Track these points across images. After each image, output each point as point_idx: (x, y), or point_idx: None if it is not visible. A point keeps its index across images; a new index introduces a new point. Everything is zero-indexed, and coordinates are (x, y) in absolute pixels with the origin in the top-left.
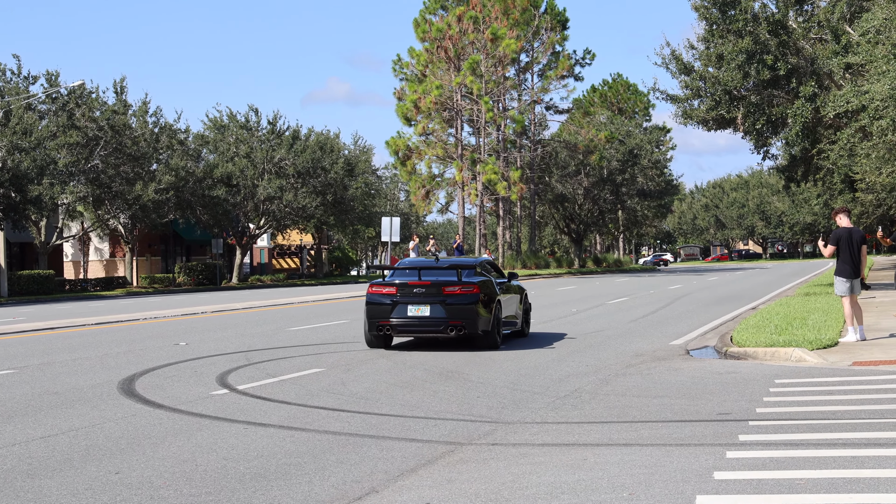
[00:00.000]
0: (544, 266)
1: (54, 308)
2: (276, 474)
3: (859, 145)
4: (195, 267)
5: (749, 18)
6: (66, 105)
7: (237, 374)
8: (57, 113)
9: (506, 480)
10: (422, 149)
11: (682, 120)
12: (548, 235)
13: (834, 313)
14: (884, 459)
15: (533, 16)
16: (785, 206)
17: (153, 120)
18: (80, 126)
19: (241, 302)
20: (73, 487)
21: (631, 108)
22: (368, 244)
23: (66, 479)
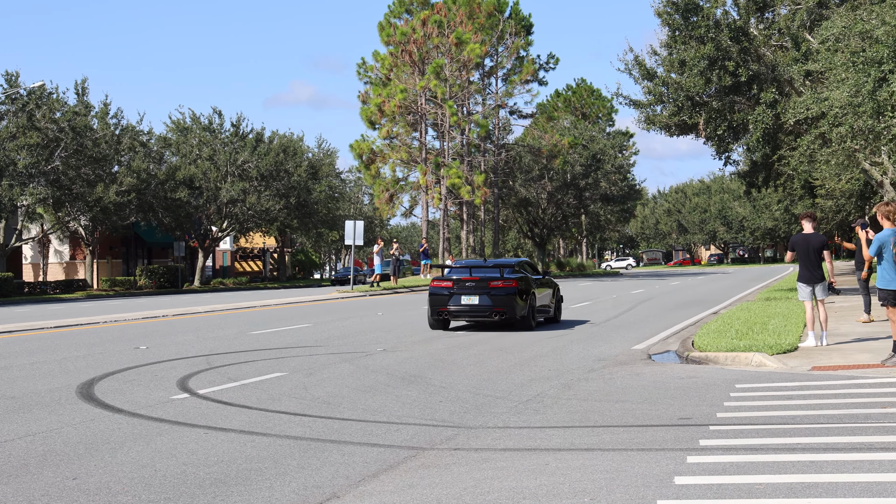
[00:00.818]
0: None
1: (12, 311)
2: (236, 480)
3: (819, 152)
4: (157, 270)
5: (711, 25)
6: (26, 106)
7: (198, 378)
8: (17, 114)
9: (467, 486)
10: (386, 152)
11: (645, 125)
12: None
13: (794, 318)
14: (842, 464)
15: (498, 20)
16: (746, 211)
17: (115, 122)
18: (40, 127)
19: (202, 305)
20: (28, 494)
21: (594, 113)
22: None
23: (22, 485)
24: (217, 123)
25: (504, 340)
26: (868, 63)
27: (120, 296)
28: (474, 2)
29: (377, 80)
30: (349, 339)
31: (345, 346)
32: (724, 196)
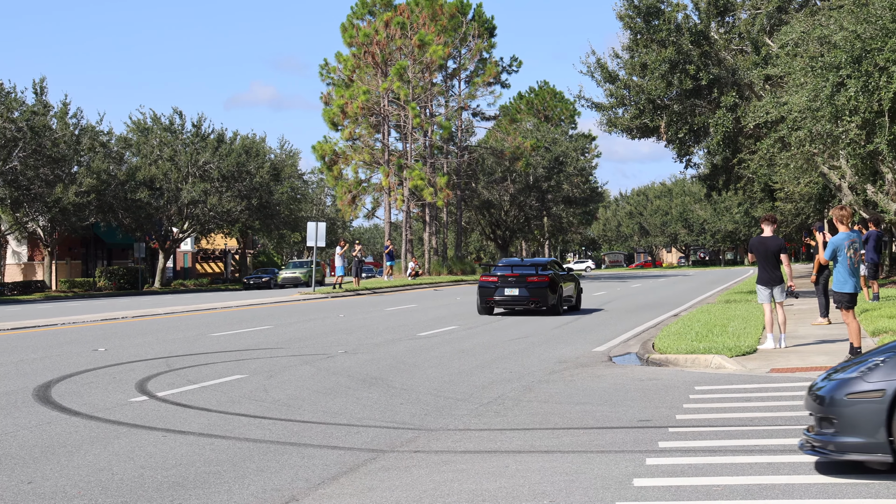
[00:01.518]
0: (470, 272)
1: None
2: (194, 483)
3: (778, 155)
4: (117, 271)
5: (672, 29)
6: None
7: (157, 381)
8: None
9: (427, 488)
10: (348, 154)
11: (607, 128)
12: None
13: (753, 320)
14: (798, 465)
15: (461, 22)
16: (707, 213)
17: (74, 122)
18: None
19: (163, 307)
20: None
21: (557, 116)
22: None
23: None
24: (178, 124)
25: (466, 343)
26: (826, 68)
27: (79, 297)
28: (437, 4)
29: (340, 81)
30: (310, 341)
31: (306, 348)
32: (685, 199)
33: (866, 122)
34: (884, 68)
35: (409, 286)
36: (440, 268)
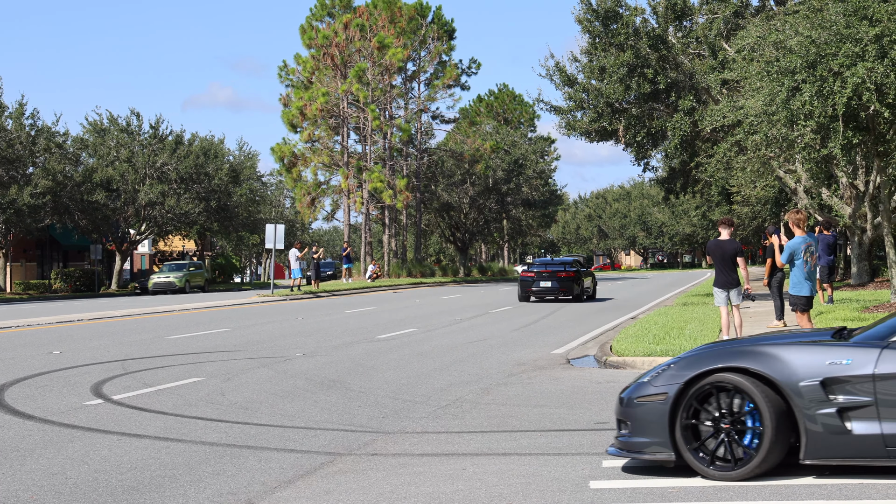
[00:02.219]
0: (430, 274)
1: None
2: (149, 486)
3: (735, 159)
4: (73, 273)
5: (630, 32)
6: None
7: (113, 384)
8: None
9: (384, 491)
10: (307, 156)
11: (566, 131)
12: (433, 244)
13: (710, 323)
14: None
15: (420, 25)
16: (665, 216)
17: (30, 122)
18: None
19: (119, 309)
20: None
21: (516, 119)
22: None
23: None
24: (135, 125)
25: (425, 345)
26: (782, 73)
27: (34, 299)
28: (396, 6)
29: (299, 83)
30: (268, 343)
31: (264, 351)
32: (643, 202)
33: (821, 126)
34: (838, 73)
35: (369, 288)
36: (400, 270)
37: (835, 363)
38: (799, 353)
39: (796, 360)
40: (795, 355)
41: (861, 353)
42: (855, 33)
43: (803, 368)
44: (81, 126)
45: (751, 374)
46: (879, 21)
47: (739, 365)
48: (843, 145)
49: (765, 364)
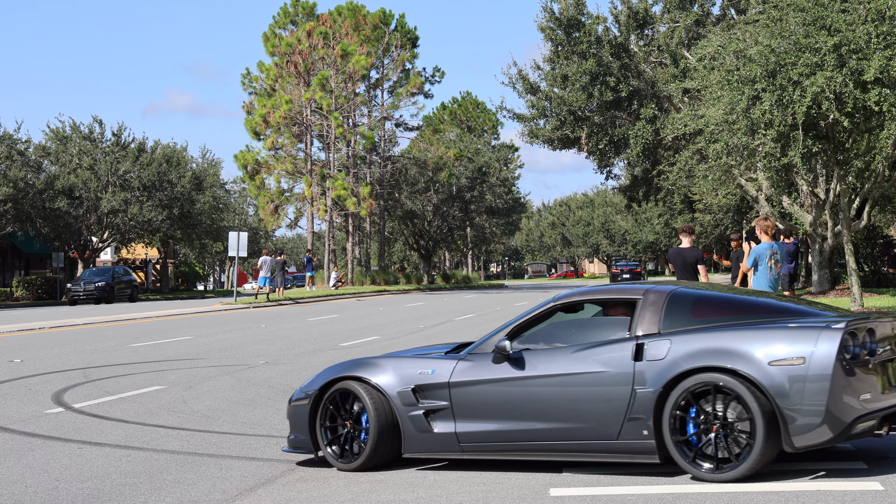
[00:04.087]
0: (394, 282)
1: None
2: (109, 495)
3: (697, 167)
4: (34, 281)
5: (593, 41)
6: None
7: (74, 392)
8: None
9: (345, 499)
10: (271, 163)
11: (529, 139)
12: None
13: None
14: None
15: (384, 33)
16: (628, 224)
17: None
18: None
19: (81, 317)
20: None
21: (480, 126)
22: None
23: None
24: (98, 133)
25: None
26: (742, 82)
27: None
28: (360, 14)
29: (262, 90)
30: (231, 351)
31: (226, 359)
32: (606, 209)
33: (781, 135)
34: (797, 83)
35: (332, 296)
36: (363, 278)
37: (423, 373)
38: (403, 365)
39: (399, 371)
40: (400, 366)
41: (443, 365)
42: (814, 43)
43: (403, 377)
44: (43, 133)
45: (364, 382)
46: (838, 31)
47: (356, 374)
48: (802, 154)
49: (375, 373)
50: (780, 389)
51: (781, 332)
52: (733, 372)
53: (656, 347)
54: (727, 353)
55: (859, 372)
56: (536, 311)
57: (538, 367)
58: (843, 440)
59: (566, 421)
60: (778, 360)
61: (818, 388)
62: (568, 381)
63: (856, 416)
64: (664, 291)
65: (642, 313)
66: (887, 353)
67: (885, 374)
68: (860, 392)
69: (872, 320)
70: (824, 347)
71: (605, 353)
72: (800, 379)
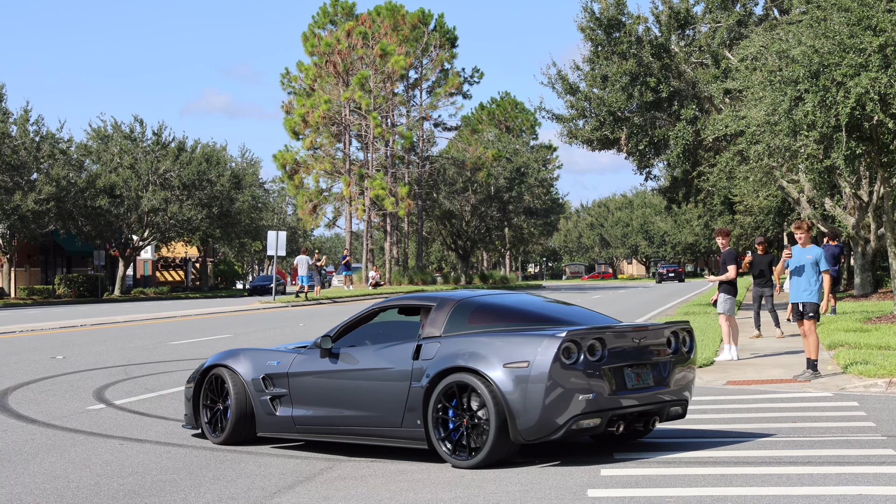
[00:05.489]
0: (431, 282)
1: None
2: (150, 491)
3: (737, 169)
4: (76, 279)
5: (633, 41)
6: None
7: (115, 389)
8: None
9: (383, 497)
10: (309, 163)
11: (568, 139)
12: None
13: (711, 332)
14: (750, 477)
15: (422, 33)
16: (667, 226)
17: (34, 129)
18: None
19: (122, 315)
20: None
21: (518, 127)
22: (255, 258)
23: None
24: (138, 132)
25: None
26: (785, 82)
27: (38, 305)
28: (399, 14)
29: (301, 90)
30: None
31: None
32: (645, 210)
33: (824, 136)
34: (841, 83)
35: (370, 296)
36: (401, 278)
37: (271, 364)
38: (259, 357)
39: (255, 362)
40: (257, 358)
41: (286, 357)
42: (858, 43)
43: (257, 367)
44: (85, 132)
45: (230, 370)
46: (883, 31)
47: (225, 363)
48: (846, 156)
49: (237, 363)
50: (509, 389)
51: (518, 339)
52: (476, 372)
53: (429, 349)
54: (475, 356)
55: (581, 375)
56: (360, 315)
57: (349, 362)
58: (565, 435)
59: (366, 410)
60: (510, 363)
61: (538, 388)
62: (367, 375)
63: (574, 415)
64: (453, 300)
65: (431, 318)
66: (622, 360)
67: (616, 378)
68: (581, 393)
69: (604, 331)
70: (544, 353)
71: (396, 352)
72: (524, 380)
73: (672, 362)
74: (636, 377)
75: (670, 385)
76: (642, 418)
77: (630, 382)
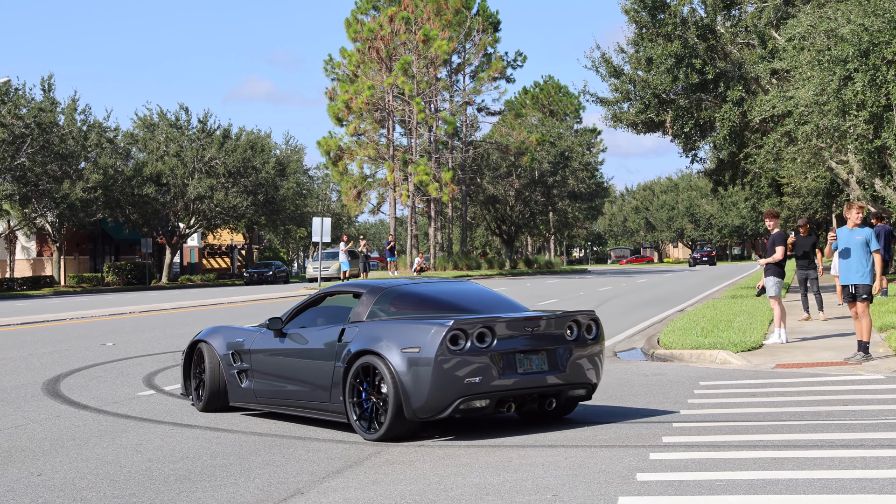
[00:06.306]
0: (476, 267)
1: None
2: (200, 476)
3: (785, 150)
4: (124, 266)
5: (678, 22)
6: None
7: (164, 375)
8: None
9: (431, 482)
10: (353, 149)
11: (612, 123)
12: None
13: (759, 316)
14: (802, 461)
15: (465, 17)
16: (714, 208)
17: (82, 118)
18: (6, 123)
19: (170, 302)
20: None
21: (562, 110)
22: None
23: None
24: (184, 120)
25: None
26: (833, 62)
27: (87, 292)
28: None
29: (344, 76)
30: None
31: None
32: (691, 193)
33: (874, 116)
34: (891, 62)
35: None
36: (445, 263)
37: (238, 341)
38: (231, 334)
39: (228, 339)
40: (230, 335)
41: (250, 335)
42: None
43: (228, 344)
44: (131, 121)
45: (208, 345)
46: None
47: (205, 339)
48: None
49: (214, 339)
50: (404, 371)
51: (415, 326)
52: (380, 356)
53: (351, 332)
54: (380, 341)
55: (468, 360)
56: (310, 299)
57: (295, 341)
58: (454, 414)
59: (304, 385)
60: (405, 348)
61: (426, 371)
62: (305, 354)
63: (460, 396)
64: (380, 288)
65: (360, 304)
66: (513, 347)
67: (506, 363)
68: (467, 376)
69: (494, 321)
70: (433, 339)
71: (328, 334)
72: (415, 363)
73: (571, 349)
74: (528, 362)
75: (567, 370)
76: (538, 400)
77: (521, 367)
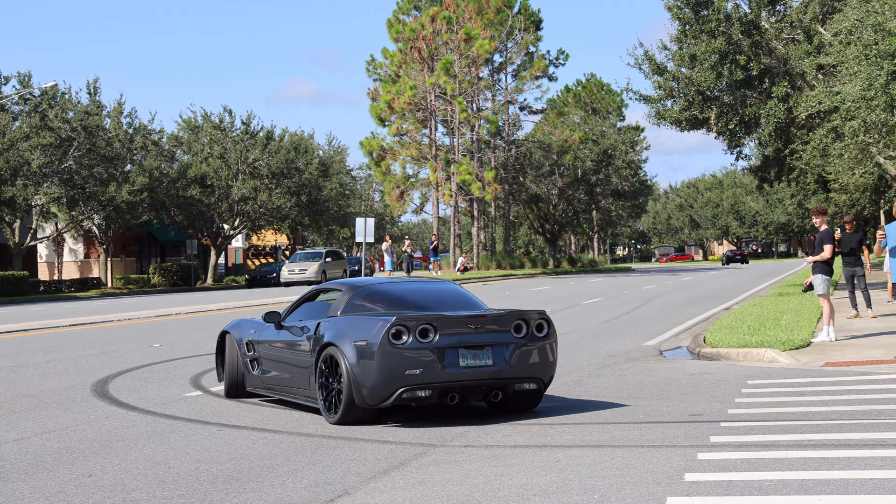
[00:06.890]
0: (519, 266)
1: (28, 309)
2: (248, 476)
3: (832, 146)
4: (170, 268)
5: (722, 19)
6: (39, 106)
7: (211, 376)
8: (30, 114)
9: (478, 482)
10: (396, 149)
11: (656, 120)
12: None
13: (807, 313)
14: (853, 461)
15: (507, 16)
16: (759, 205)
17: (127, 121)
18: (53, 127)
19: (216, 303)
20: (45, 490)
21: (605, 108)
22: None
23: (39, 481)
24: (228, 122)
25: None
26: (881, 56)
27: (134, 294)
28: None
29: (386, 76)
30: None
31: None
32: (736, 191)
33: None
34: None
35: (459, 281)
36: (489, 262)
37: (250, 332)
38: (248, 326)
39: (246, 330)
40: (248, 327)
41: (260, 327)
42: None
43: (245, 334)
44: (176, 123)
45: (229, 335)
46: None
47: (228, 330)
48: None
49: (235, 330)
50: (354, 362)
51: (367, 321)
52: (338, 348)
53: (324, 326)
54: (340, 334)
55: (409, 354)
56: (305, 295)
57: (291, 333)
58: (396, 402)
59: (292, 373)
60: (357, 342)
61: (371, 363)
62: (292, 345)
63: (402, 387)
64: (354, 287)
65: (337, 301)
66: (456, 342)
67: (448, 358)
68: (408, 368)
69: (437, 318)
70: (377, 334)
71: (310, 327)
72: (363, 355)
73: (518, 345)
74: (472, 357)
75: (513, 365)
76: (485, 391)
77: (464, 362)
